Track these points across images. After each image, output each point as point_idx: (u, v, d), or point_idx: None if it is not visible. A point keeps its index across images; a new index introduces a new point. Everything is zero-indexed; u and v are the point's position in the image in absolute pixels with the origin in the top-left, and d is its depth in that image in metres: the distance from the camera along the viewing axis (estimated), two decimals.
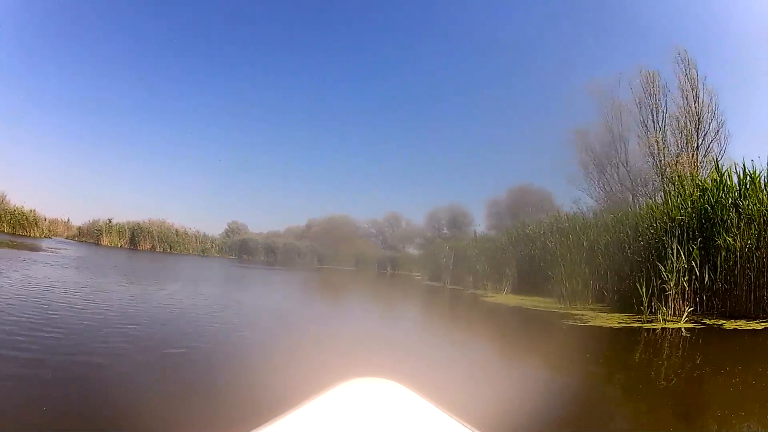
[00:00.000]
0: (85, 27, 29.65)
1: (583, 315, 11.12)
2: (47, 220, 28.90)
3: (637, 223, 13.39)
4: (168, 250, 28.92)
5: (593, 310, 12.24)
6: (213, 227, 31.20)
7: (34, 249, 19.53)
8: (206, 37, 31.55)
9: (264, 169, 32.40)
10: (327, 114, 33.08)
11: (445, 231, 29.01)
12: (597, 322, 10.02)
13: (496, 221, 24.77)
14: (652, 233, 12.49)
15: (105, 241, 28.42)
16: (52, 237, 28.68)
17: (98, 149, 30.59)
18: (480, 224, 27.08)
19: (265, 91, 31.69)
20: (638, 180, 19.68)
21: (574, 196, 19.19)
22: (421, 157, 33.04)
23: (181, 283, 13.47)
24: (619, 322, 9.93)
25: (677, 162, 18.08)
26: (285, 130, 32.75)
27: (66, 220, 29.91)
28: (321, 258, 30.95)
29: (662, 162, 18.59)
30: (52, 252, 19.37)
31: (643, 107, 19.57)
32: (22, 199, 26.81)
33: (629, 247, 13.06)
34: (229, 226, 31.24)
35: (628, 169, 20.08)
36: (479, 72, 29.26)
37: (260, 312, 11.08)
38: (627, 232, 13.58)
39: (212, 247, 30.41)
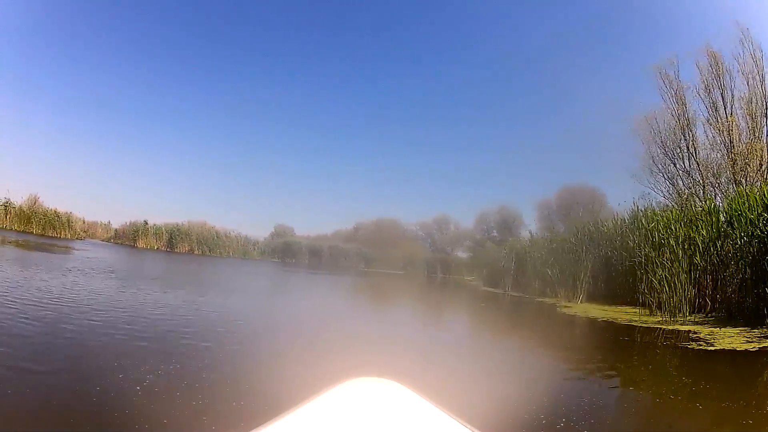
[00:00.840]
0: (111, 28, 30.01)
1: (697, 332, 9.00)
2: (85, 223, 29.19)
3: (739, 213, 11.18)
4: (207, 252, 28.38)
5: (701, 323, 10.08)
6: (260, 230, 30.91)
7: (45, 250, 18.76)
8: (237, 43, 31.66)
9: (313, 173, 33.10)
10: (375, 117, 33.03)
11: (494, 233, 28.61)
12: (724, 343, 7.86)
13: (547, 223, 24.56)
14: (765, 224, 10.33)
15: (141, 243, 28.06)
16: (86, 239, 28.64)
17: (139, 154, 31.53)
18: (533, 224, 25.81)
19: (313, 97, 32.48)
20: (708, 171, 17.76)
21: (639, 191, 17.20)
22: (469, 158, 32.90)
23: (186, 290, 12.04)
24: (747, 341, 7.81)
25: (750, 150, 16.49)
26: (333, 134, 33.24)
27: (107, 222, 30.14)
28: (368, 261, 30.04)
29: (733, 150, 16.90)
30: (63, 253, 18.55)
31: (712, 90, 17.91)
32: (63, 202, 27.51)
33: (744, 242, 10.82)
34: (275, 229, 30.90)
35: (698, 159, 18.18)
36: (528, 72, 28.97)
37: (288, 321, 9.69)
38: (728, 224, 11.43)
39: (254, 249, 29.81)
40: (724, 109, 17.57)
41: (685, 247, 11.79)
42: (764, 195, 11.13)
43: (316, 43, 31.52)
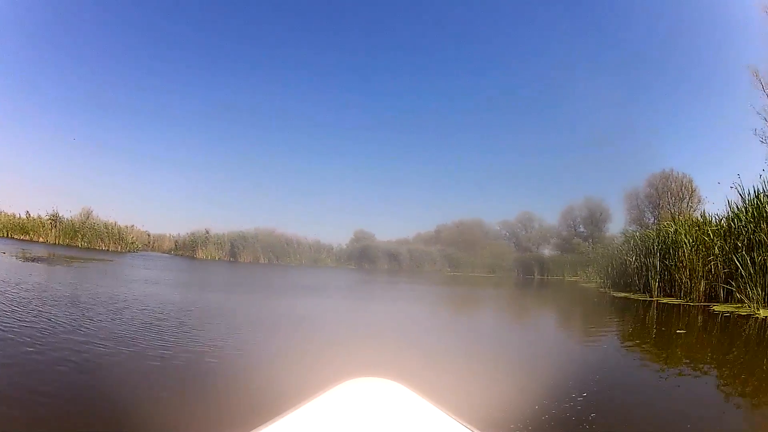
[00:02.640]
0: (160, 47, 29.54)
1: None
2: (150, 236, 29.03)
3: None
4: (274, 260, 26.94)
5: None
6: (341, 237, 29.89)
7: (61, 263, 16.34)
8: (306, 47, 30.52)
9: (393, 177, 31.38)
10: (450, 116, 31.06)
11: (581, 229, 27.90)
12: None
13: (636, 214, 23.93)
14: None
15: (200, 253, 27.02)
16: (141, 251, 28.07)
17: (227, 163, 30.79)
18: (620, 217, 25.60)
19: (395, 96, 30.89)
20: None
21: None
22: (548, 151, 30.66)
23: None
24: None
25: None
26: (412, 135, 31.71)
27: (176, 234, 29.57)
28: (452, 263, 28.07)
29: None
30: (80, 266, 16.11)
31: None
32: (129, 216, 27.46)
33: None
34: (354, 235, 29.77)
35: None
36: (611, 52, 26.42)
37: None
38: None
39: (327, 256, 28.23)
40: None
41: None
42: None
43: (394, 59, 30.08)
